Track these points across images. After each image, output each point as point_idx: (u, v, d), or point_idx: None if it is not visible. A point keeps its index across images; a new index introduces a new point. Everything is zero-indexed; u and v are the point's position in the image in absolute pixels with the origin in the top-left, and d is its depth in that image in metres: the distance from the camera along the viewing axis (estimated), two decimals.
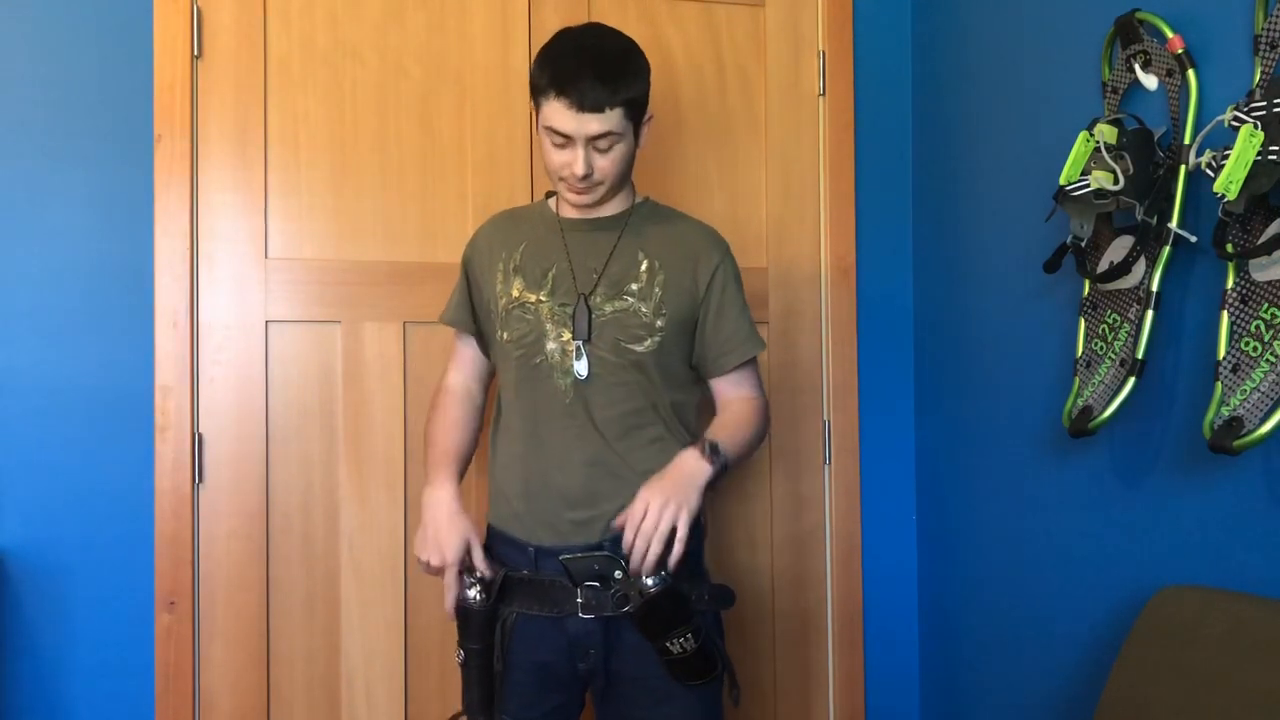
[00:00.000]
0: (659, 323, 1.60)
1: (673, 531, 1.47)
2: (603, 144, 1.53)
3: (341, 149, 2.05)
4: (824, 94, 2.30)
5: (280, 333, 2.02)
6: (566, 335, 1.59)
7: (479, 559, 1.58)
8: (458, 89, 2.11)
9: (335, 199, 2.05)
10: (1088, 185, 1.50)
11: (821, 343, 2.29)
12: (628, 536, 1.47)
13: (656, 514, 1.46)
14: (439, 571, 1.59)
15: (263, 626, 1.99)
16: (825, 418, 2.30)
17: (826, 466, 2.30)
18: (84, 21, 1.93)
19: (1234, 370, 1.32)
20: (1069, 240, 1.63)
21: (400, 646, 2.04)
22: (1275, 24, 1.30)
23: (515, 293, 1.63)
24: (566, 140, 1.52)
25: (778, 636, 2.26)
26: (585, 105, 1.49)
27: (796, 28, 2.29)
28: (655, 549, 1.46)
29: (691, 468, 1.53)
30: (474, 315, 1.73)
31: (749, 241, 2.22)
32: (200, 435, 1.97)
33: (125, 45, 1.95)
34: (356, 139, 2.06)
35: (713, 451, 1.54)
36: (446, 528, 1.57)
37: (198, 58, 1.99)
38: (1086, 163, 1.52)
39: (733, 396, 1.69)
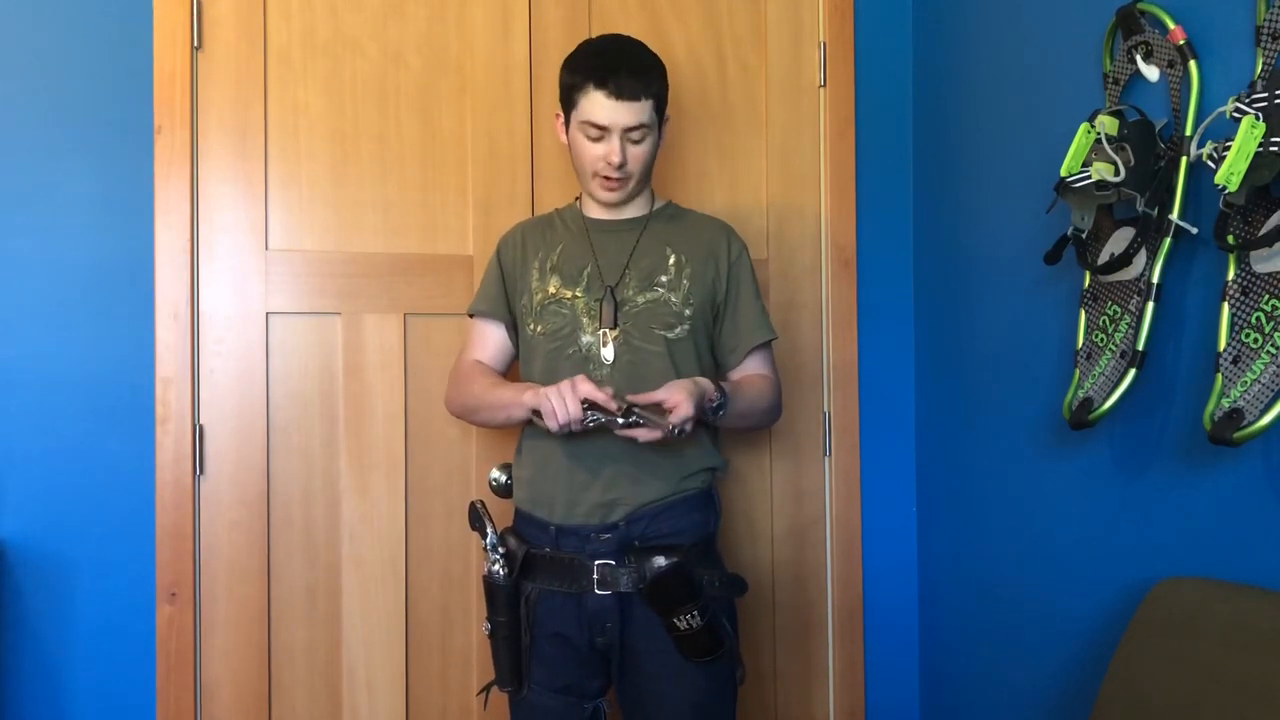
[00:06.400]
0: (687, 311, 1.73)
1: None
2: (635, 135, 1.67)
3: (342, 141, 2.05)
4: (825, 85, 2.30)
5: (281, 324, 2.02)
6: (598, 327, 1.70)
7: (595, 388, 1.56)
8: (458, 80, 2.10)
9: (336, 190, 2.05)
10: (1089, 177, 1.50)
11: (822, 334, 2.30)
12: (648, 398, 1.56)
13: (680, 419, 1.54)
14: (576, 410, 1.55)
15: (264, 617, 2.00)
16: (825, 409, 2.30)
17: (827, 458, 2.30)
18: (84, 13, 1.92)
19: (1234, 362, 1.32)
20: (1070, 232, 1.63)
21: (401, 637, 2.05)
22: (1277, 15, 1.30)
23: (552, 289, 1.73)
24: (602, 133, 1.65)
25: (778, 627, 2.26)
26: (623, 95, 1.63)
27: (797, 19, 2.29)
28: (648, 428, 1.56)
29: (707, 391, 1.62)
30: (508, 306, 1.81)
31: (750, 233, 2.21)
32: (201, 426, 1.98)
33: (125, 36, 1.94)
34: (357, 131, 2.06)
35: (720, 392, 1.65)
36: (557, 384, 1.57)
37: (198, 49, 1.98)
38: (1088, 154, 1.52)
39: (752, 374, 1.82)
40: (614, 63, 1.65)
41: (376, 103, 2.06)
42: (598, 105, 1.63)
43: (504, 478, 2.01)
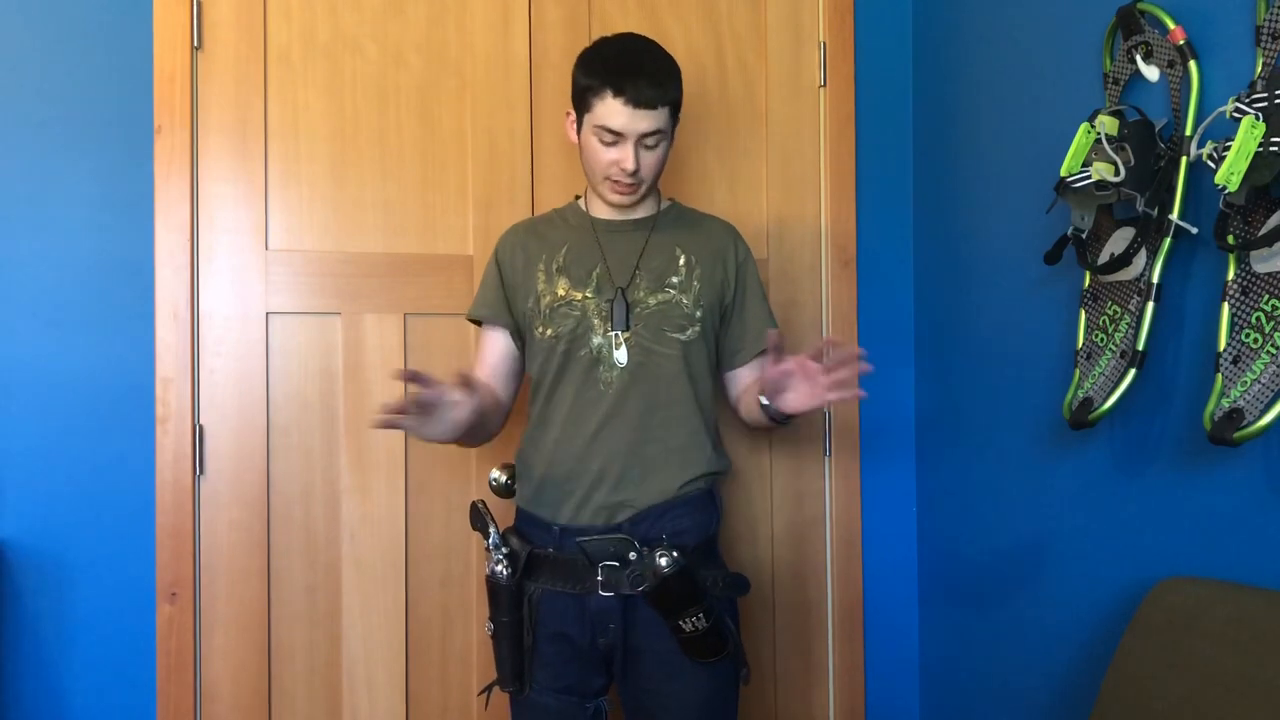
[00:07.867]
0: (698, 313, 1.73)
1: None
2: (650, 141, 1.65)
3: (342, 140, 2.05)
4: (825, 85, 2.30)
5: (281, 324, 2.02)
6: (610, 328, 1.70)
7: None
8: (458, 80, 2.10)
9: (335, 190, 2.05)
10: (1089, 177, 1.50)
11: (822, 334, 2.29)
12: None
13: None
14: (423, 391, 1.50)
15: (264, 617, 2.00)
16: (826, 409, 2.30)
17: (827, 458, 2.30)
18: (84, 13, 1.92)
19: (1234, 362, 1.32)
20: (1070, 232, 1.63)
21: (401, 637, 2.05)
22: (1277, 15, 1.30)
23: (561, 291, 1.72)
24: (617, 138, 1.63)
25: (778, 627, 2.26)
26: (640, 102, 1.60)
27: (797, 19, 2.29)
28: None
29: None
30: (509, 310, 1.78)
31: (750, 233, 2.20)
32: (201, 427, 1.98)
33: (125, 37, 1.94)
34: (357, 130, 2.06)
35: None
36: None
37: (198, 49, 1.98)
38: (1088, 154, 1.52)
39: (755, 380, 1.81)
40: (634, 69, 1.62)
41: (376, 103, 2.06)
42: (615, 112, 1.61)
43: (504, 478, 2.02)
